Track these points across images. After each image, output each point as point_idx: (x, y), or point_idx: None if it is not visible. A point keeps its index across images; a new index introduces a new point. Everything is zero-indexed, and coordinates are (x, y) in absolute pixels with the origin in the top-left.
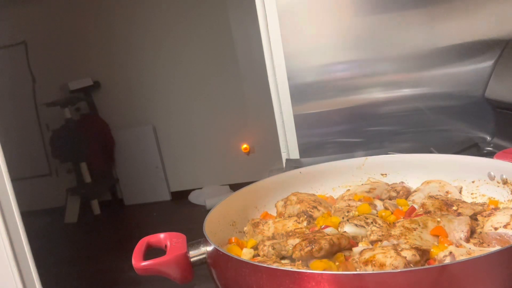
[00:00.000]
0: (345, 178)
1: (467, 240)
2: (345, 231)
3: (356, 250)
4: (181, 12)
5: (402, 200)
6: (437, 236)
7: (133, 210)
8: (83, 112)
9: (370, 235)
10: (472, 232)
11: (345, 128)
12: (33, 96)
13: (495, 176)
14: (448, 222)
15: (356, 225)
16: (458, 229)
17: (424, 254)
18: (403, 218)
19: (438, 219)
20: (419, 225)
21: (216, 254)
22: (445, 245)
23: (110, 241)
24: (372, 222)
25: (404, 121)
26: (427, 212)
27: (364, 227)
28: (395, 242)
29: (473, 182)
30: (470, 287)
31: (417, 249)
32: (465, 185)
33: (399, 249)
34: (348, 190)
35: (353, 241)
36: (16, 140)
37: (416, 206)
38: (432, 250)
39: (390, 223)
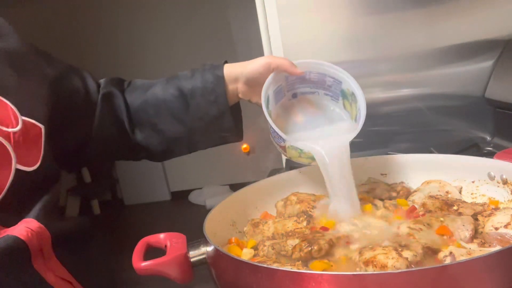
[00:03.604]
0: None
1: (472, 238)
2: (345, 229)
3: (353, 247)
4: (181, 12)
5: (402, 200)
6: (442, 235)
7: (133, 210)
8: None
9: (372, 233)
10: (475, 232)
11: None
12: None
13: (495, 176)
14: (451, 221)
15: (355, 224)
16: (463, 228)
17: (434, 253)
18: (405, 217)
19: (442, 219)
20: (424, 225)
21: (216, 255)
22: (452, 244)
23: (110, 241)
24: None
25: (404, 121)
26: (428, 212)
27: (364, 226)
28: (404, 242)
29: (473, 182)
30: (471, 287)
31: (429, 248)
32: (465, 185)
33: (400, 250)
34: None
35: (348, 242)
36: None
37: (416, 206)
38: (442, 249)
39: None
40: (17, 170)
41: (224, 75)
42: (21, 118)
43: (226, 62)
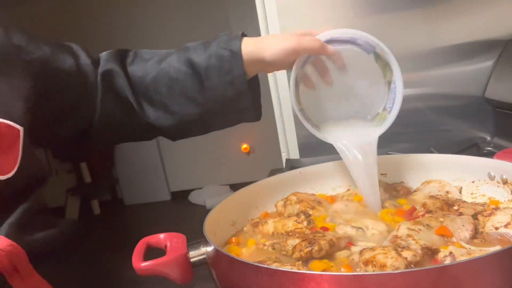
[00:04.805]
0: (345, 178)
1: (472, 238)
2: (345, 232)
3: (354, 249)
4: (181, 12)
5: (402, 200)
6: (442, 236)
7: (133, 210)
8: None
9: (371, 236)
10: (475, 232)
11: None
12: None
13: (495, 176)
14: (451, 221)
15: (355, 226)
16: (462, 228)
17: (434, 254)
18: (405, 219)
19: (441, 219)
20: (423, 226)
21: (216, 255)
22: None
23: (110, 241)
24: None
25: (404, 121)
26: (429, 212)
27: (363, 228)
28: (403, 243)
29: (473, 182)
30: (471, 287)
31: (428, 249)
32: (465, 185)
33: (400, 250)
34: (348, 190)
35: (350, 243)
36: None
37: (416, 207)
38: (441, 249)
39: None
40: None
41: (242, 53)
42: None
43: (244, 34)
